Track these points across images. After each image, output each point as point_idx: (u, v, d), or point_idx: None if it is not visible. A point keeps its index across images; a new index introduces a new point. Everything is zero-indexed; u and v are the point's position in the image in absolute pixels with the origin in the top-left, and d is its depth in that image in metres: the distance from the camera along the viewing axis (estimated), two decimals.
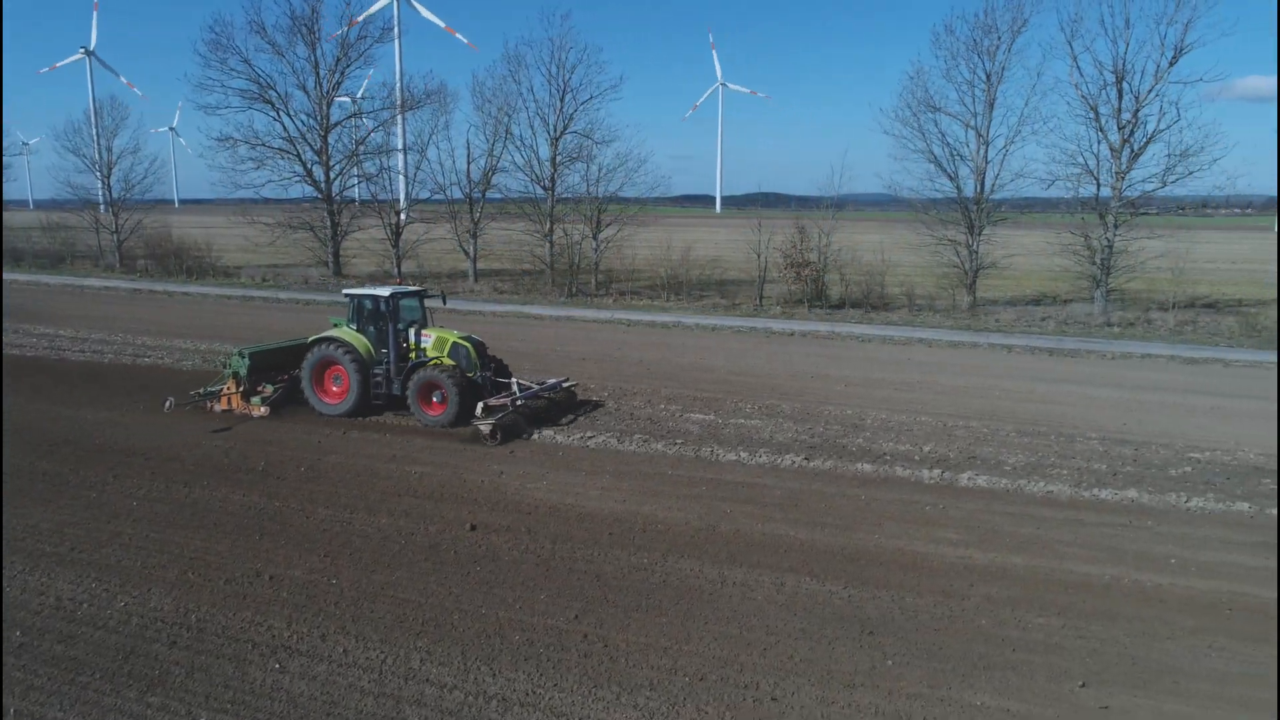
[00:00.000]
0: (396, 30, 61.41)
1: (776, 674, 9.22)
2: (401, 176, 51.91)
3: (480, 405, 18.28)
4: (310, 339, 20.04)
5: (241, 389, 19.82)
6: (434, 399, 18.92)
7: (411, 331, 19.69)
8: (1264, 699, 8.87)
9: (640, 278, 48.46)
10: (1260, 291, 45.48)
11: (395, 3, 64.43)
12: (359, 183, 53.29)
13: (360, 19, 50.82)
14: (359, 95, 54.72)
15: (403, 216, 50.79)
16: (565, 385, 20.65)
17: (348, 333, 19.92)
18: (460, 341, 19.44)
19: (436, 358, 19.22)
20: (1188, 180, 37.06)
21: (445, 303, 21.86)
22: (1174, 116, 36.26)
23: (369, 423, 19.00)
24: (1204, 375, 26.76)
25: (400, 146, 51.63)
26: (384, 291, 19.85)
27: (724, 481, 15.60)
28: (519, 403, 18.74)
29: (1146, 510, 14.40)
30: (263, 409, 19.59)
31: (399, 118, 51.22)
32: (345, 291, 21.00)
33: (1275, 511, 14.25)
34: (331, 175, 50.30)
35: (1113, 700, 8.82)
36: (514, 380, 19.70)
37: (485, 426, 17.70)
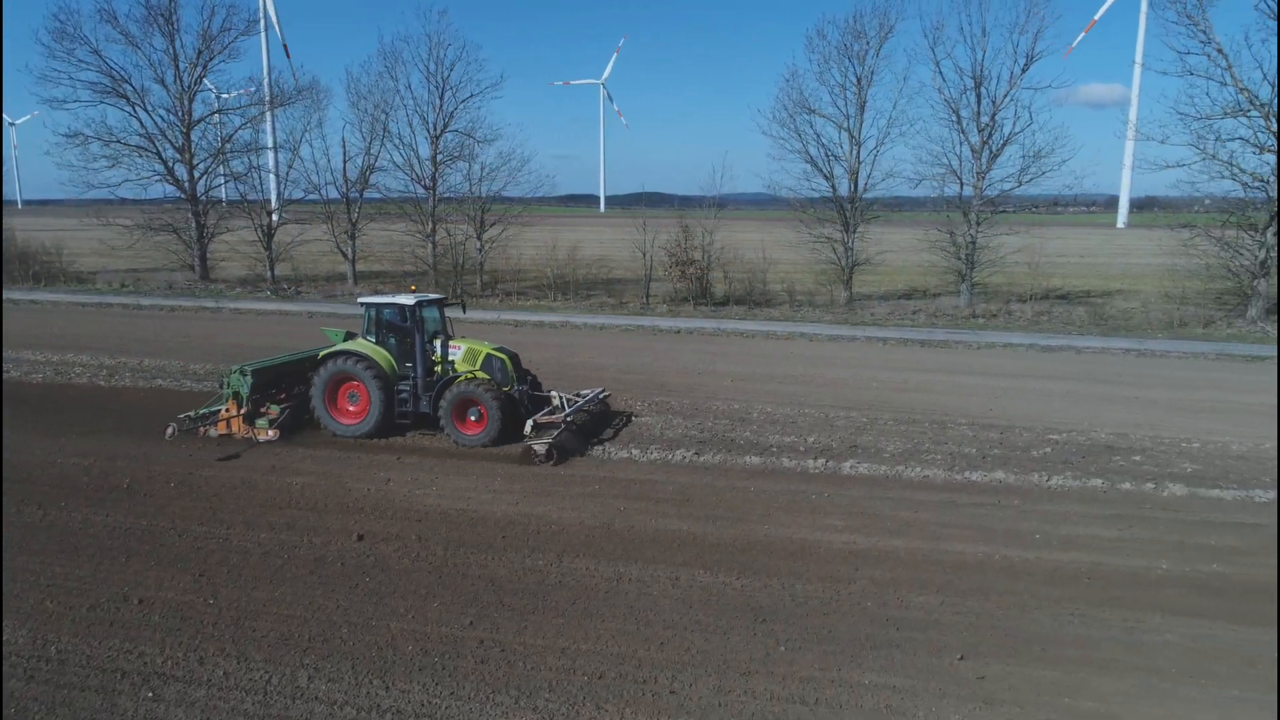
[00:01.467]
0: (263, 23, 58.85)
1: (674, 667, 9.33)
2: (273, 176, 49.81)
3: (530, 423, 17.28)
4: (322, 353, 18.40)
5: (243, 411, 17.95)
6: (470, 416, 17.69)
7: (437, 343, 18.27)
8: (1122, 661, 9.57)
9: (526, 278, 48.11)
10: (1104, 283, 49.13)
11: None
12: (226, 182, 50.77)
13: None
14: (228, 91, 52.11)
15: (275, 217, 48.70)
16: (603, 396, 19.89)
17: (366, 345, 18.37)
18: (495, 353, 18.21)
19: (469, 371, 17.97)
20: (1041, 180, 39.87)
21: (465, 311, 20.65)
22: (1027, 120, 38.89)
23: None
24: (1058, 362, 28.69)
25: (271, 144, 49.46)
26: (408, 300, 18.19)
27: (617, 479, 15.66)
28: (569, 419, 17.70)
29: (1013, 490, 15.32)
30: (270, 432, 17.81)
31: (268, 114, 49.05)
32: (361, 300, 19.02)
33: None
34: (196, 174, 47.66)
35: (988, 670, 9.34)
36: (556, 394, 18.67)
37: (540, 446, 16.72)
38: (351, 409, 18.21)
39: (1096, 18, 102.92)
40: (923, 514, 14.10)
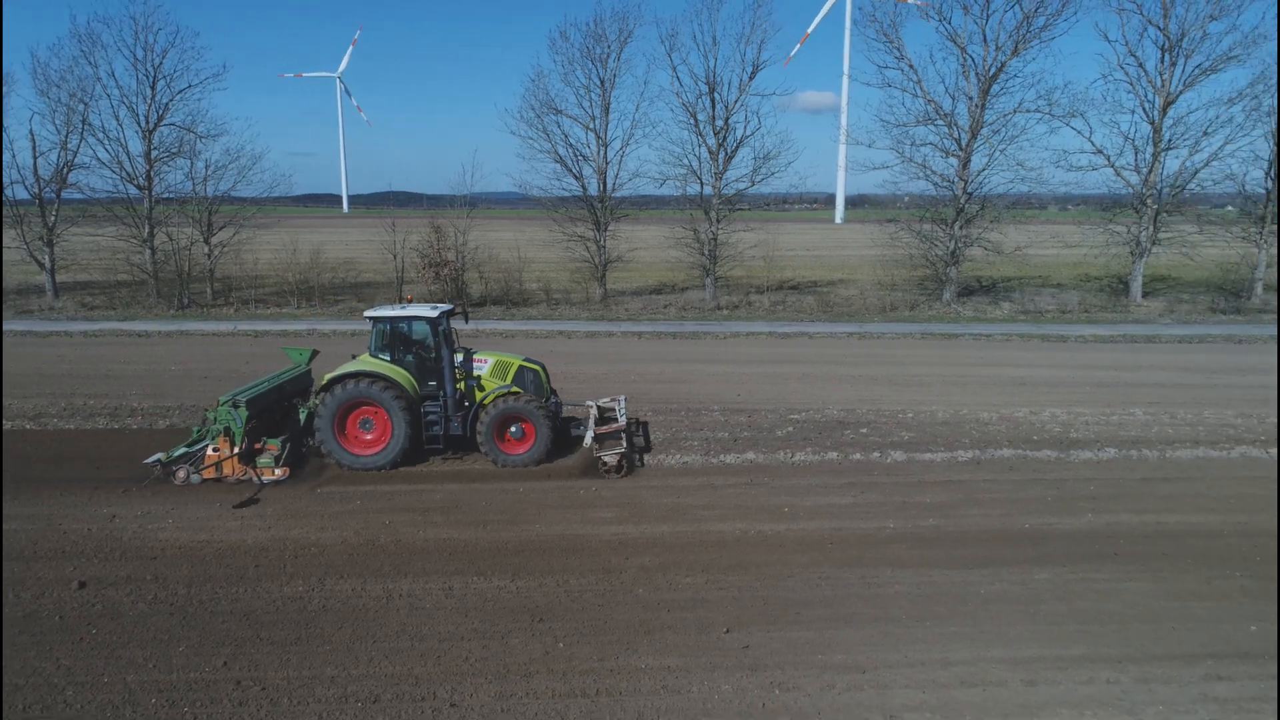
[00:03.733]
0: None
1: (453, 678, 9.13)
2: None
3: (589, 435, 16.45)
4: (327, 377, 16.21)
5: (238, 449, 15.42)
6: (510, 434, 16.39)
7: (458, 357, 16.70)
8: (862, 614, 10.63)
9: (265, 284, 44.70)
10: (829, 273, 54.14)
11: None
12: None
13: None
14: None
15: None
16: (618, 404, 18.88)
17: (382, 365, 16.43)
18: (527, 365, 17.08)
19: (502, 386, 16.56)
20: (771, 179, 43.09)
21: (467, 321, 18.27)
22: (756, 124, 41.86)
23: None
24: (794, 347, 31.27)
25: None
26: (430, 311, 16.44)
27: (378, 492, 15.03)
28: (624, 429, 16.89)
29: (763, 469, 16.51)
30: (277, 471, 15.63)
31: None
32: (370, 314, 16.85)
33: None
34: None
35: (751, 639, 10.02)
36: (593, 405, 18.08)
37: (611, 457, 15.94)
38: (367, 437, 16.28)
39: (809, 31, 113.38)
40: (685, 499, 14.82)
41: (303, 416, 17.30)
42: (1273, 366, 27.20)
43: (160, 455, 15.81)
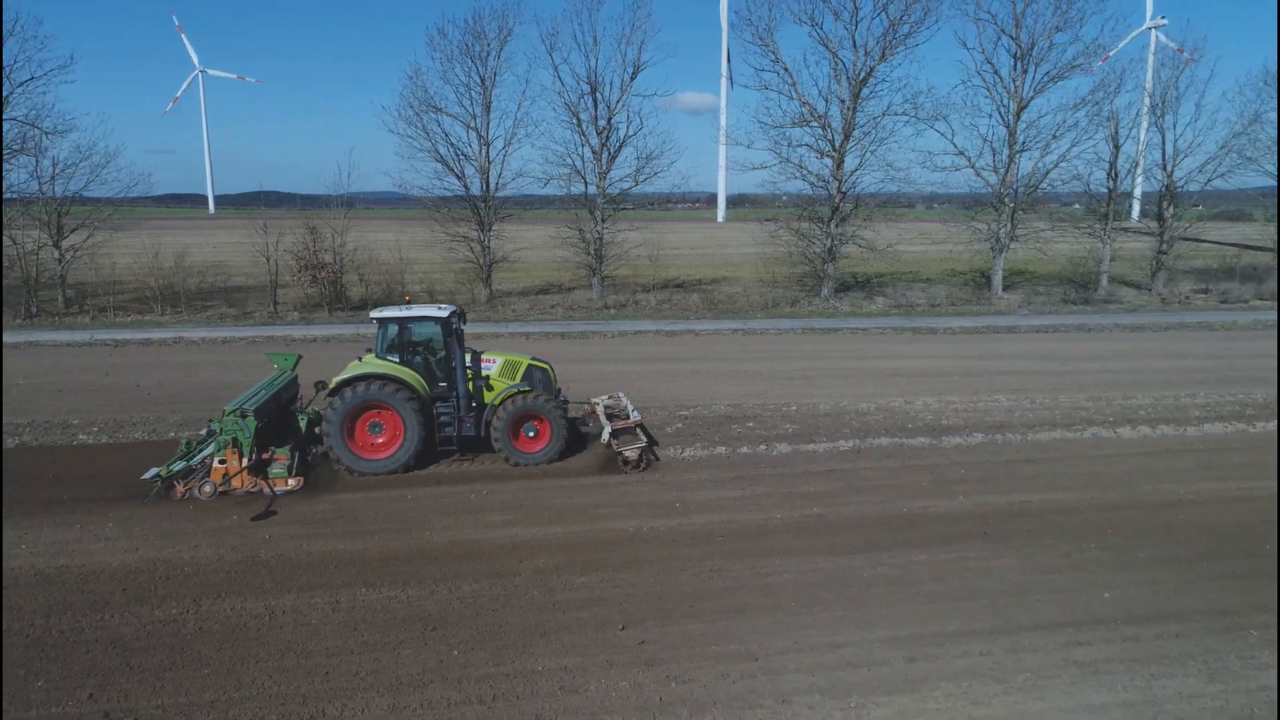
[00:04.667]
0: None
1: (343, 694, 8.84)
2: None
3: (606, 432, 16.89)
4: (334, 381, 15.94)
5: (248, 460, 14.79)
6: (524, 432, 16.40)
7: (467, 356, 16.61)
8: (754, 604, 10.89)
9: (124, 290, 42.01)
10: (713, 271, 55.15)
11: None
12: None
13: None
14: None
15: None
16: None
17: (390, 366, 16.15)
18: (535, 364, 17.22)
19: (513, 385, 16.57)
20: (654, 179, 43.53)
21: (465, 323, 17.57)
22: (639, 125, 42.32)
23: None
24: (681, 344, 31.73)
25: None
26: (440, 311, 16.35)
27: (258, 507, 14.38)
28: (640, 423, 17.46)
29: (654, 465, 16.68)
30: (291, 482, 15.13)
31: None
32: (377, 315, 16.49)
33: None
34: None
35: (647, 634, 10.12)
36: (599, 403, 18.43)
37: (632, 452, 16.23)
38: (377, 441, 15.97)
39: None
40: (578, 498, 14.82)
41: (302, 424, 16.77)
42: (1117, 352, 29.48)
43: (157, 470, 14.96)
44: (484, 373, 16.79)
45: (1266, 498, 14.77)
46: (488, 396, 16.67)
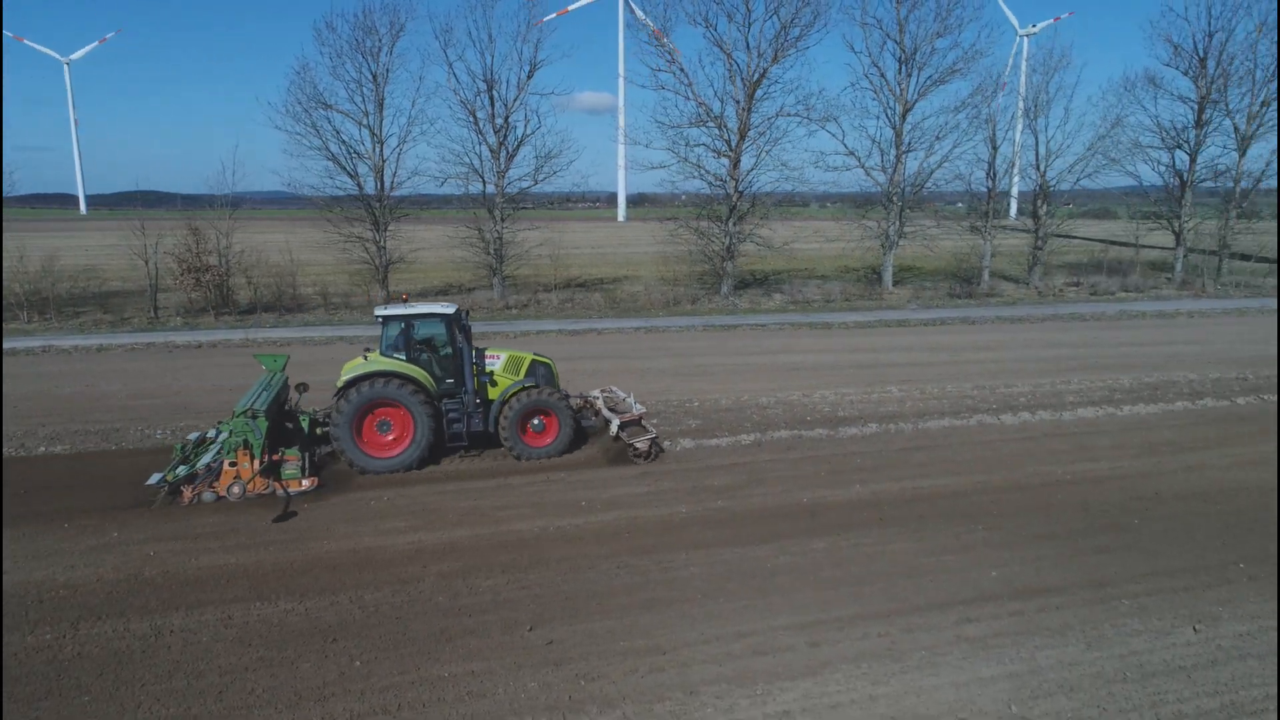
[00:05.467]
0: None
1: (238, 714, 8.49)
2: None
3: (615, 425, 16.98)
4: (343, 380, 15.91)
5: (260, 462, 14.53)
6: (532, 427, 16.72)
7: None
8: (661, 598, 10.99)
9: None
10: (614, 270, 55.32)
11: None
12: None
13: None
14: None
15: None
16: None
17: (398, 364, 16.23)
18: (538, 360, 17.61)
19: (518, 381, 16.91)
20: (553, 178, 43.29)
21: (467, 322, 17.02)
22: (536, 123, 41.98)
23: None
24: (583, 344, 31.68)
25: None
26: (447, 309, 16.66)
27: (140, 523, 13.63)
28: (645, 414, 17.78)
29: (560, 464, 16.61)
30: (305, 482, 14.94)
31: None
32: (382, 313, 16.50)
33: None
34: None
35: (555, 634, 10.08)
36: (598, 397, 18.84)
37: (642, 443, 16.59)
38: (386, 438, 16.01)
39: (570, 7, 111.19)
40: (482, 500, 14.63)
41: (304, 424, 16.73)
42: (999, 342, 31.04)
43: (161, 475, 14.72)
44: (489, 369, 17.13)
45: (1135, 475, 15.83)
46: (492, 393, 17.02)
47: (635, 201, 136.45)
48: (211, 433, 17.04)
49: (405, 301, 17.69)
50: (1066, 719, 8.42)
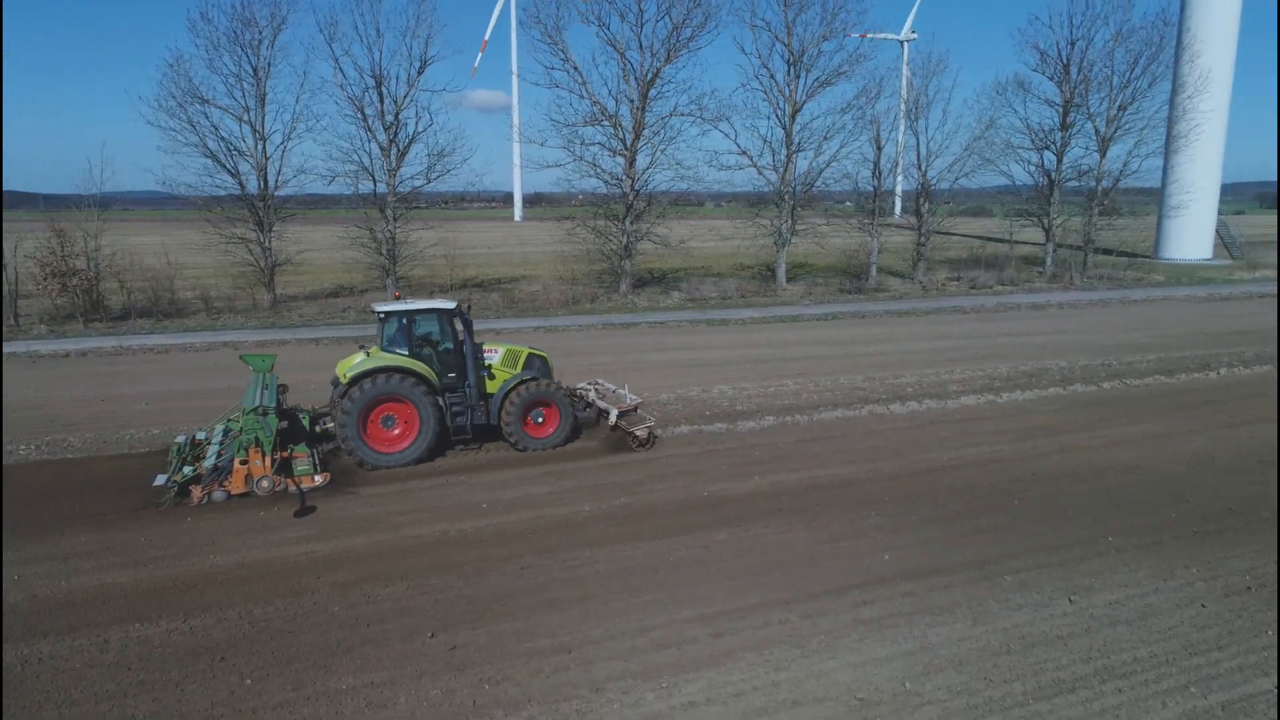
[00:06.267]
0: None
1: None
2: None
3: (614, 415, 17.64)
4: (349, 373, 16.01)
5: (271, 460, 14.54)
6: (532, 419, 17.10)
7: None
8: (565, 596, 10.93)
9: None
10: (512, 270, 54.82)
11: None
12: None
13: None
14: None
15: None
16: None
17: (402, 359, 16.35)
18: (535, 353, 18.14)
19: (516, 374, 17.34)
20: (447, 177, 42.53)
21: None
22: (428, 121, 41.11)
23: None
24: None
25: None
26: (448, 304, 17.23)
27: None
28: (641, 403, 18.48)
29: (459, 467, 16.34)
30: (317, 478, 14.93)
31: None
32: (382, 309, 16.72)
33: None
34: None
35: (458, 639, 9.89)
36: (590, 386, 19.57)
37: (642, 431, 17.26)
38: (391, 434, 16.17)
39: (486, 38, 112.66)
40: (380, 507, 14.24)
41: (305, 421, 16.88)
42: (887, 335, 32.25)
43: (167, 476, 14.71)
44: (487, 362, 17.51)
45: (1013, 458, 16.71)
46: (490, 386, 17.39)
47: (532, 201, 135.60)
48: (201, 434, 16.76)
49: (398, 299, 17.88)
50: (956, 692, 8.79)
